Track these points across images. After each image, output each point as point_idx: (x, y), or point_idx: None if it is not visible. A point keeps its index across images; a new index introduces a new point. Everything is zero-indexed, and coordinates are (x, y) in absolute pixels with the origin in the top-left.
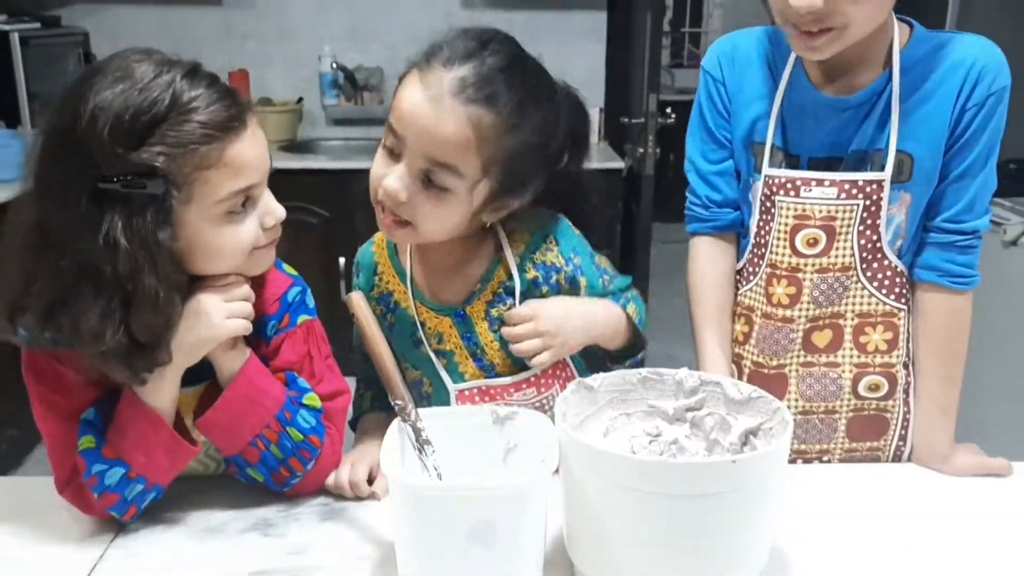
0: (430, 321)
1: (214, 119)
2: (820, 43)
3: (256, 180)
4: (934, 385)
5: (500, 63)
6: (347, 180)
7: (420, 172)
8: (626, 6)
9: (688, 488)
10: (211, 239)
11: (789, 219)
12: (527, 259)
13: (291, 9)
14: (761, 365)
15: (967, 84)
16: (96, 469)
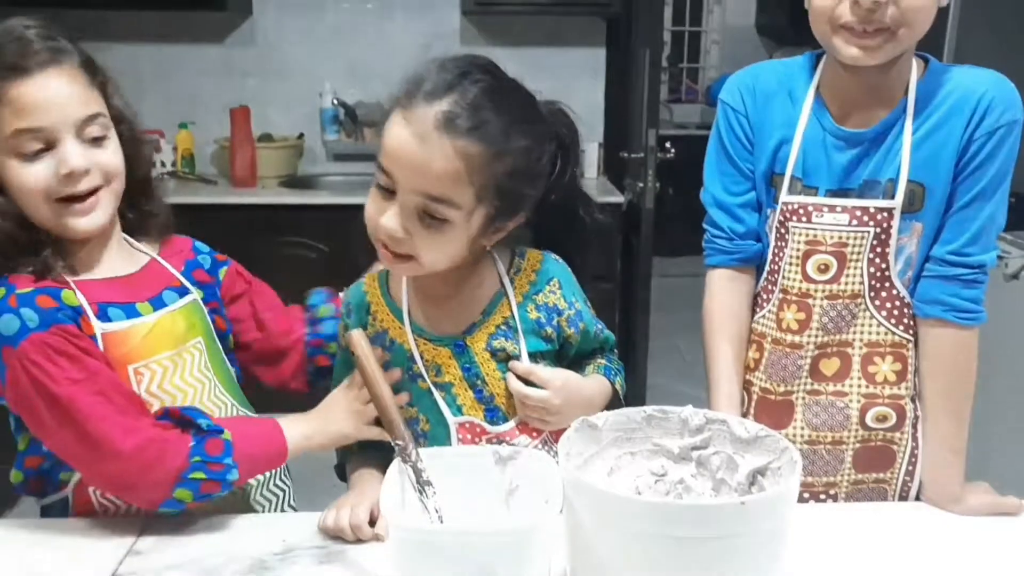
0: (428, 353)
1: (7, 60)
2: (875, 43)
3: (46, 123)
4: (944, 425)
5: (481, 91)
6: (348, 215)
7: (415, 208)
8: (624, 43)
9: (696, 530)
10: (9, 176)
11: (801, 245)
12: (530, 299)
13: (291, 46)
14: (769, 391)
15: (976, 114)
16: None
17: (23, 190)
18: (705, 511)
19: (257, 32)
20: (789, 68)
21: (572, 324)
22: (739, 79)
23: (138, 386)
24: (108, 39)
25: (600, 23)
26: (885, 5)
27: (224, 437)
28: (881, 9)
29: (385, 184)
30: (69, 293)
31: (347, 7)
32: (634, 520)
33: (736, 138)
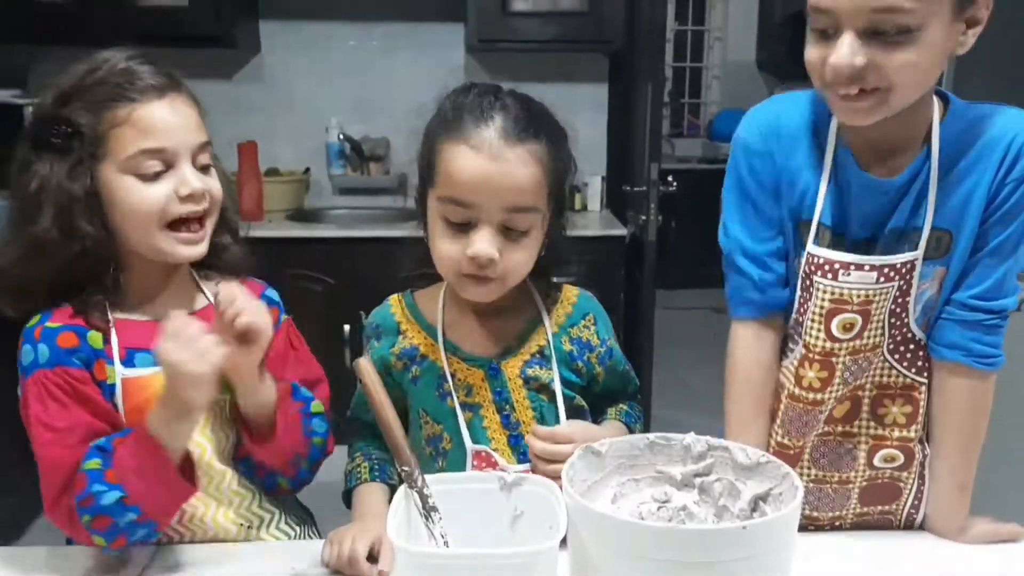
0: (460, 372)
1: (129, 82)
2: (864, 106)
3: (167, 144)
4: (954, 462)
5: (516, 102)
6: (353, 248)
7: (499, 226)
8: (627, 79)
9: (698, 556)
10: (123, 196)
11: (826, 303)
12: (564, 331)
13: (298, 82)
14: (787, 447)
15: (1008, 159)
16: (95, 488)
17: (139, 209)
18: (707, 536)
19: (265, 69)
20: (813, 104)
21: (602, 361)
22: (760, 118)
23: None
24: None
25: (603, 59)
26: (864, 71)
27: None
28: (860, 75)
29: (462, 219)
30: (95, 335)
31: (353, 44)
32: (637, 545)
33: (760, 183)
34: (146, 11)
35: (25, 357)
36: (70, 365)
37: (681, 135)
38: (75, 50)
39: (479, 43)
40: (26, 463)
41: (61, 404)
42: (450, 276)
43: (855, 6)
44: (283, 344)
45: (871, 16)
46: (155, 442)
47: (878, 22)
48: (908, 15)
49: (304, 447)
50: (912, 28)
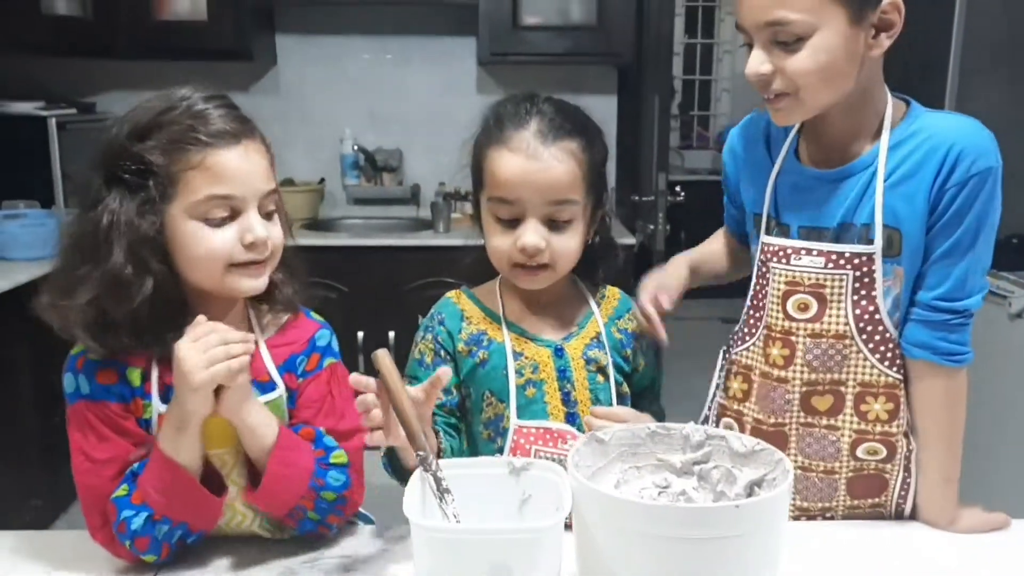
0: (528, 351)
1: (206, 127)
2: (780, 106)
3: (237, 192)
4: (938, 456)
5: (550, 105)
6: (367, 256)
7: (544, 219)
8: (636, 90)
9: (694, 532)
10: (189, 240)
11: (781, 285)
12: (613, 322)
13: (313, 94)
14: (761, 422)
15: (946, 165)
16: (124, 515)
17: (207, 254)
18: (703, 513)
19: (281, 81)
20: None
21: (644, 354)
22: (735, 129)
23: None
24: (138, 88)
25: (612, 72)
26: (771, 76)
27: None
28: (768, 80)
29: (509, 215)
30: (135, 371)
31: (367, 57)
32: (638, 523)
33: (725, 175)
34: (167, 25)
35: (67, 385)
36: (109, 399)
37: (691, 147)
38: (97, 63)
39: (491, 56)
40: (52, 467)
41: (100, 436)
42: (504, 268)
43: (755, 21)
44: (320, 390)
45: (768, 29)
46: (168, 458)
47: (775, 33)
48: (798, 25)
49: (310, 500)
50: (804, 36)
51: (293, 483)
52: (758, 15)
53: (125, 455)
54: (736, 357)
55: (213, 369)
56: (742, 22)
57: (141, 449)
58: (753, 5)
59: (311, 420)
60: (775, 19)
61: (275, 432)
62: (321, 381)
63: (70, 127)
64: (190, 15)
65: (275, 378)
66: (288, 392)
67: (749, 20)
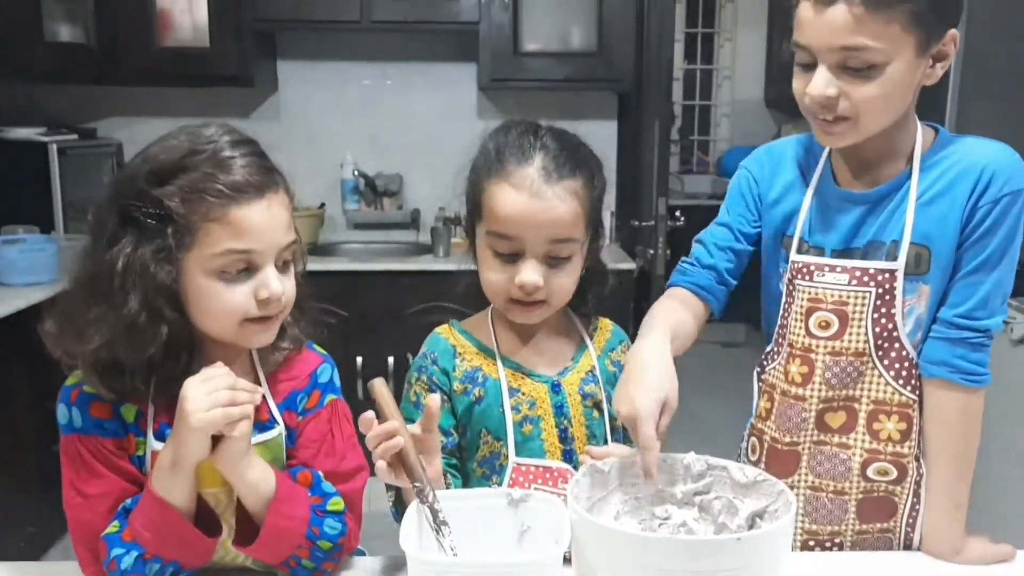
0: (525, 387)
1: (231, 179)
2: (837, 130)
3: (257, 247)
4: (947, 480)
5: (553, 139)
6: (367, 281)
7: (544, 256)
8: (636, 116)
9: (695, 565)
10: (203, 292)
11: (804, 302)
12: (606, 354)
13: (315, 120)
14: (776, 440)
15: (980, 183)
16: (115, 553)
17: (221, 311)
18: (704, 546)
19: (282, 106)
20: (803, 141)
21: None
22: (759, 151)
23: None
24: (140, 114)
25: (612, 97)
26: (836, 99)
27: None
28: (833, 103)
29: (509, 250)
30: (129, 408)
31: (368, 83)
32: (638, 555)
33: (740, 194)
34: (169, 51)
35: (61, 416)
36: (102, 435)
37: (691, 172)
38: (99, 89)
39: (491, 82)
40: (48, 493)
41: (91, 471)
42: (499, 301)
43: (827, 44)
44: (320, 429)
45: (841, 53)
46: (160, 498)
47: (847, 58)
48: (874, 53)
49: (306, 549)
50: (877, 64)
51: (290, 535)
52: (834, 38)
53: (117, 491)
54: (766, 376)
55: (213, 413)
56: (809, 42)
57: (133, 486)
58: (829, 27)
59: (310, 460)
60: (853, 44)
61: (272, 483)
62: (321, 420)
63: (71, 153)
64: (192, 41)
65: (275, 416)
66: (287, 430)
67: (820, 41)
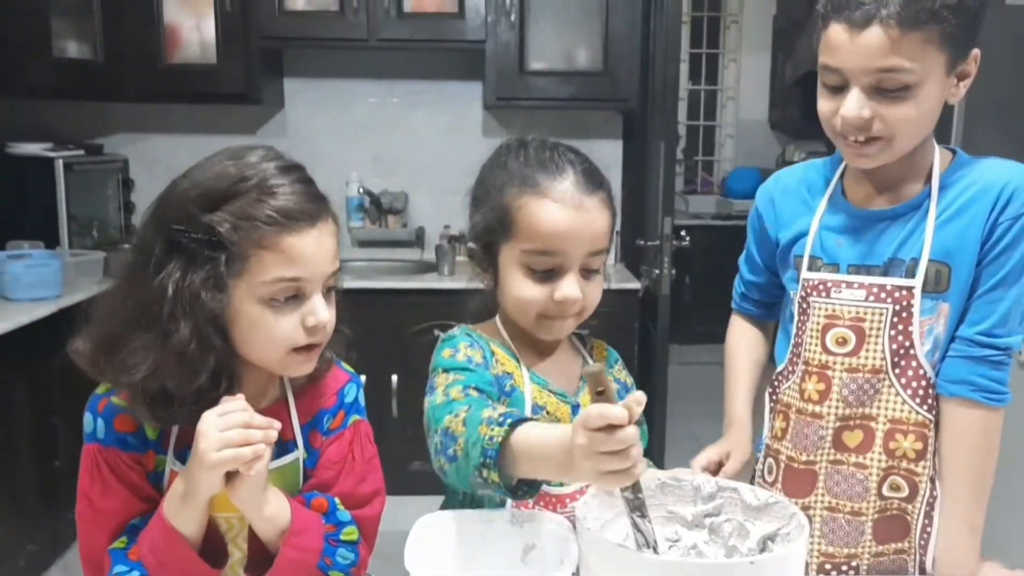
0: (550, 406)
1: (284, 206)
2: (870, 151)
3: (307, 275)
4: (963, 502)
5: (575, 154)
6: (371, 299)
7: (580, 270)
8: (641, 136)
9: None
10: (251, 320)
11: (820, 319)
12: (608, 373)
13: (320, 138)
14: (793, 460)
15: (1000, 201)
16: (117, 569)
17: (269, 340)
18: (716, 570)
19: (288, 124)
20: (810, 167)
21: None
22: (765, 186)
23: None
24: (146, 131)
25: (617, 117)
26: (870, 121)
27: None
28: (867, 125)
29: (547, 267)
30: (151, 427)
31: (374, 101)
32: None
33: (754, 231)
34: (176, 69)
35: (86, 425)
36: (123, 449)
37: (695, 192)
38: (107, 105)
39: (497, 101)
40: (50, 511)
41: (106, 485)
42: (529, 318)
43: (862, 66)
44: (342, 451)
45: (876, 75)
46: (169, 524)
47: (882, 80)
48: (908, 74)
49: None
50: (911, 85)
51: (303, 567)
52: (869, 60)
53: (127, 508)
54: (780, 396)
55: (222, 454)
56: (842, 65)
57: (146, 504)
58: (865, 49)
59: (330, 482)
60: (891, 66)
61: (288, 515)
62: (344, 441)
63: (77, 168)
64: (199, 59)
65: (297, 439)
66: (310, 451)
67: (855, 64)
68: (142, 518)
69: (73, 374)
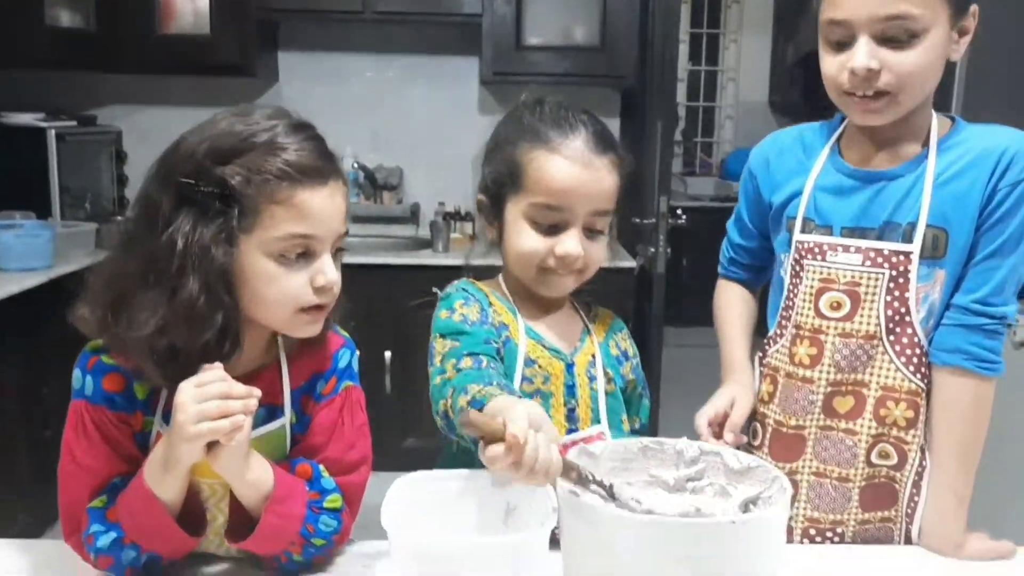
0: (543, 360)
1: (297, 161)
2: (878, 106)
3: (318, 232)
4: (952, 472)
5: (589, 115)
6: (365, 275)
7: (584, 227)
8: (639, 114)
9: (687, 550)
10: (260, 276)
11: (815, 282)
12: (610, 338)
13: (315, 112)
14: (781, 424)
15: (1000, 166)
16: (94, 528)
17: (279, 296)
18: (697, 529)
19: (283, 98)
20: (807, 128)
21: (635, 371)
22: (760, 146)
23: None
24: (140, 102)
25: (615, 95)
26: (878, 72)
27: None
28: (875, 77)
29: (552, 221)
30: (141, 387)
31: (371, 76)
32: (628, 538)
33: (746, 194)
34: (169, 39)
35: (75, 381)
36: (110, 407)
37: (694, 173)
38: (100, 76)
39: (493, 76)
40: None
41: (91, 442)
42: (531, 271)
43: (869, 14)
44: (332, 417)
45: (883, 23)
46: (149, 490)
47: (889, 28)
48: (915, 21)
49: (298, 546)
50: (918, 32)
51: (286, 533)
52: (878, 7)
53: (110, 467)
54: (768, 359)
55: (201, 427)
56: (849, 16)
57: (128, 465)
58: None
59: (319, 447)
60: (898, 12)
61: (271, 481)
62: (334, 407)
63: (69, 139)
64: (193, 29)
65: (286, 406)
66: (301, 416)
67: (862, 12)
68: (123, 478)
69: (64, 344)
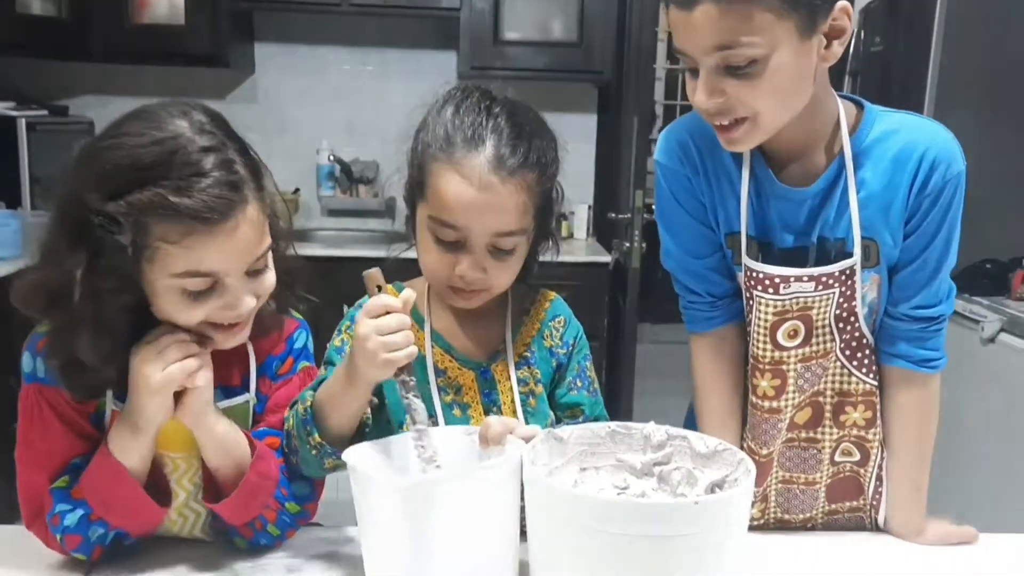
0: (452, 371)
1: (189, 205)
2: (737, 135)
3: (220, 269)
4: (908, 464)
5: (507, 120)
6: (340, 268)
7: (487, 247)
8: (615, 109)
9: (650, 529)
10: (166, 304)
11: (769, 315)
12: (541, 335)
13: (291, 105)
14: (754, 452)
15: (920, 173)
16: (59, 508)
17: (189, 321)
18: (660, 509)
19: (259, 90)
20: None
21: (563, 360)
22: (672, 139)
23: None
24: (112, 93)
25: (592, 90)
26: (727, 102)
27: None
28: (727, 108)
29: (452, 238)
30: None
31: (347, 68)
32: (593, 519)
33: (680, 203)
34: (143, 29)
35: (25, 365)
36: (63, 388)
37: None
38: (72, 65)
39: (471, 70)
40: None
41: (47, 424)
42: (437, 285)
43: (701, 47)
44: (291, 393)
45: (717, 54)
46: (114, 460)
47: (727, 58)
48: (749, 47)
49: (273, 511)
50: (758, 58)
51: (263, 493)
52: (706, 38)
53: (68, 448)
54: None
55: (170, 370)
56: (683, 47)
57: (86, 443)
58: (697, 29)
59: (278, 425)
60: (725, 42)
61: (241, 440)
62: (293, 386)
63: (40, 129)
64: (167, 19)
65: (251, 384)
66: (259, 397)
67: (694, 44)
68: (83, 457)
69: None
